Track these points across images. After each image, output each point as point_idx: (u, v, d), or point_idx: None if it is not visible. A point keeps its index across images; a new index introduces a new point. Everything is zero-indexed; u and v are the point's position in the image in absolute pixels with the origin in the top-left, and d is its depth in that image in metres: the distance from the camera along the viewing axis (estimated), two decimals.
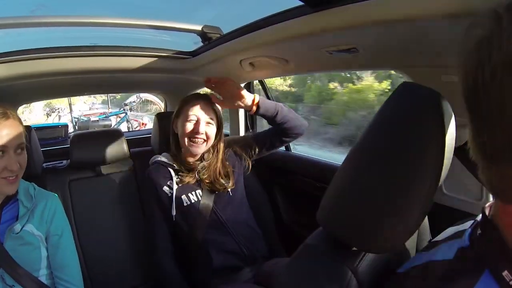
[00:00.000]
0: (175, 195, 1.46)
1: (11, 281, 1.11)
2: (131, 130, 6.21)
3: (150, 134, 1.92)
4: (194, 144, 1.45)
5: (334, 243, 0.64)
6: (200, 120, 1.45)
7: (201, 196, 1.47)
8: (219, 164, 1.53)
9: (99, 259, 1.63)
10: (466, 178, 0.94)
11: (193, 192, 1.48)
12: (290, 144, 1.90)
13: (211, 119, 1.48)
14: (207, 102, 1.49)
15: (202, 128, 1.44)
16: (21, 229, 1.16)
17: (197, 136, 1.44)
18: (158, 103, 6.04)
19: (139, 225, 1.74)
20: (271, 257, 1.48)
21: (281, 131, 1.54)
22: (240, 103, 1.49)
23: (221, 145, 1.57)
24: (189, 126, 1.45)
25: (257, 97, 1.49)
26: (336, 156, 3.84)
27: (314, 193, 1.59)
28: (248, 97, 1.49)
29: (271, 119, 1.50)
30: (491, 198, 0.96)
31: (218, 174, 1.51)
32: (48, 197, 1.28)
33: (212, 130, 1.48)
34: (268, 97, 1.93)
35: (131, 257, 1.71)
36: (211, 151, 1.55)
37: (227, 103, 1.52)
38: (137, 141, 2.16)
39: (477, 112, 0.39)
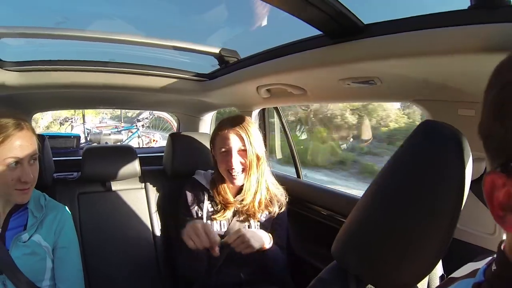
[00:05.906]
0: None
1: None
2: (142, 146, 6.26)
3: (162, 152, 1.92)
4: (232, 177, 1.37)
5: (348, 279, 0.62)
6: (232, 150, 1.35)
7: (226, 228, 1.43)
8: (261, 193, 1.43)
9: (103, 276, 1.59)
10: (479, 212, 0.91)
11: (219, 222, 1.43)
12: (301, 171, 1.88)
13: (244, 145, 1.36)
14: (237, 126, 1.37)
15: (235, 160, 1.35)
16: (29, 238, 1.14)
17: (232, 170, 1.35)
18: (170, 121, 6.09)
19: (146, 245, 1.71)
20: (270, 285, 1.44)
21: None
22: None
23: (263, 169, 1.43)
24: (222, 159, 1.38)
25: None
26: None
27: (324, 222, 1.55)
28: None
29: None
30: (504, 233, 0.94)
31: (259, 204, 1.42)
32: (59, 209, 1.27)
33: (248, 156, 1.36)
34: (283, 125, 1.92)
35: (135, 277, 1.66)
36: (254, 175, 1.41)
37: None
38: (148, 159, 2.16)
39: None
